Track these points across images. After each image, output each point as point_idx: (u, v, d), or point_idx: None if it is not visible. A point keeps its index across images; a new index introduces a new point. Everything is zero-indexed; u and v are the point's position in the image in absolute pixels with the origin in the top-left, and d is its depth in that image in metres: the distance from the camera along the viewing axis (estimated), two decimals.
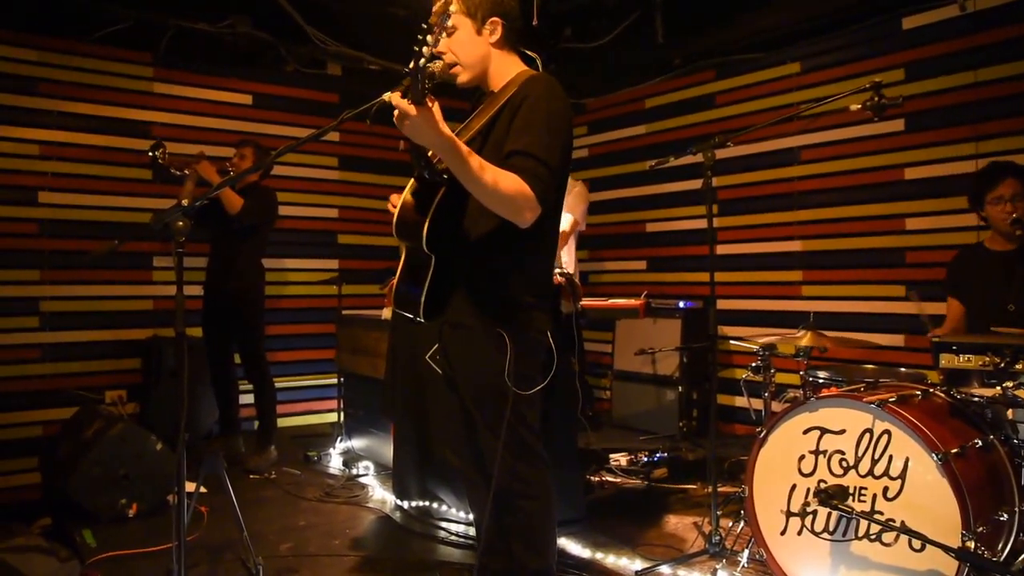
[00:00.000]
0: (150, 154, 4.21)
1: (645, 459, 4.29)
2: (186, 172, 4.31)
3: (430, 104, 1.88)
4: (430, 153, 2.13)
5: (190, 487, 2.96)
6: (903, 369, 3.34)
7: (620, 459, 4.22)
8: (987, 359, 2.37)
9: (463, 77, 2.32)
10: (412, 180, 2.26)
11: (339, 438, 4.78)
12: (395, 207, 2.25)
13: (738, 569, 2.90)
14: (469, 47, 2.29)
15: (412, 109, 1.89)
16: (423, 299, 2.15)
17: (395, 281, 2.28)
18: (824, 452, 2.65)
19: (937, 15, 4.50)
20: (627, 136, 6.36)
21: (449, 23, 1.83)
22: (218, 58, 5.40)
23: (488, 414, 2.18)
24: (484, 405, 2.19)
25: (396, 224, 2.24)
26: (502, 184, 1.99)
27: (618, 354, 5.72)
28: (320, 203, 5.96)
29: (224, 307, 4.55)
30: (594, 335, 6.24)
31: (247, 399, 4.74)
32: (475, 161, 1.96)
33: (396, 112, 1.93)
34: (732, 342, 3.45)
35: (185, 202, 2.14)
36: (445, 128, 1.93)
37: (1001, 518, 2.48)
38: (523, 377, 2.14)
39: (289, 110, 5.78)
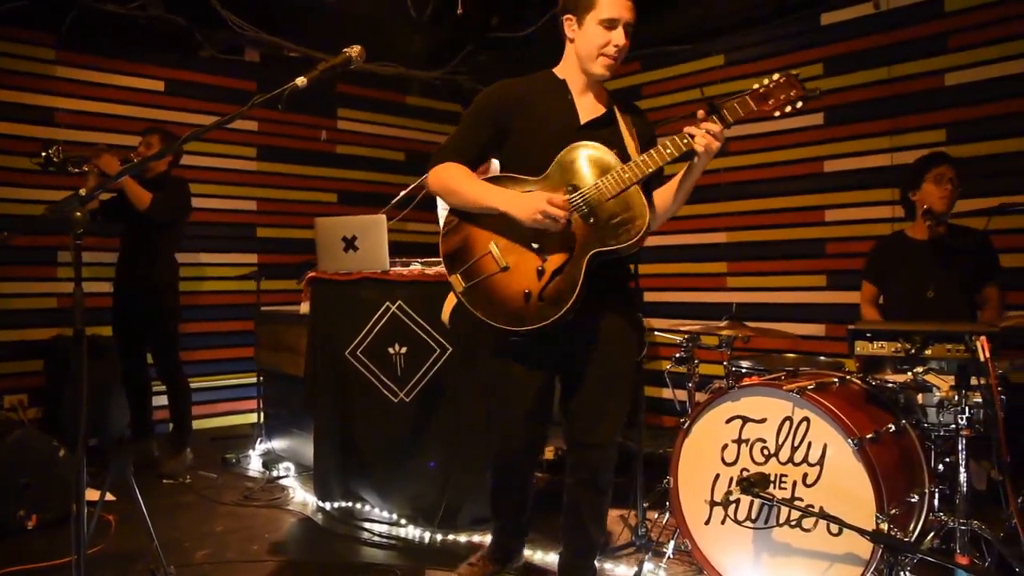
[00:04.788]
0: (43, 155, 3.90)
1: None
2: (86, 168, 4.07)
3: None
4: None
5: (94, 495, 2.79)
6: (822, 357, 3.40)
7: (548, 452, 4.19)
8: (899, 346, 2.41)
9: None
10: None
11: (259, 439, 4.63)
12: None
13: (664, 560, 2.90)
14: None
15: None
16: (574, 300, 2.27)
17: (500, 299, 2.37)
18: (746, 441, 2.67)
19: (853, 12, 4.60)
20: None
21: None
22: (128, 41, 5.14)
23: (627, 385, 2.53)
24: (627, 378, 2.52)
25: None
26: None
27: None
28: (237, 195, 5.76)
29: (136, 304, 4.36)
30: None
31: (161, 400, 4.54)
32: None
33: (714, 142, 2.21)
34: (656, 333, 3.45)
35: (83, 191, 1.99)
36: None
37: (912, 499, 2.55)
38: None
39: (204, 98, 5.55)
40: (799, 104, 2.27)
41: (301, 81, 2.04)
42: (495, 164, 2.54)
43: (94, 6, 4.71)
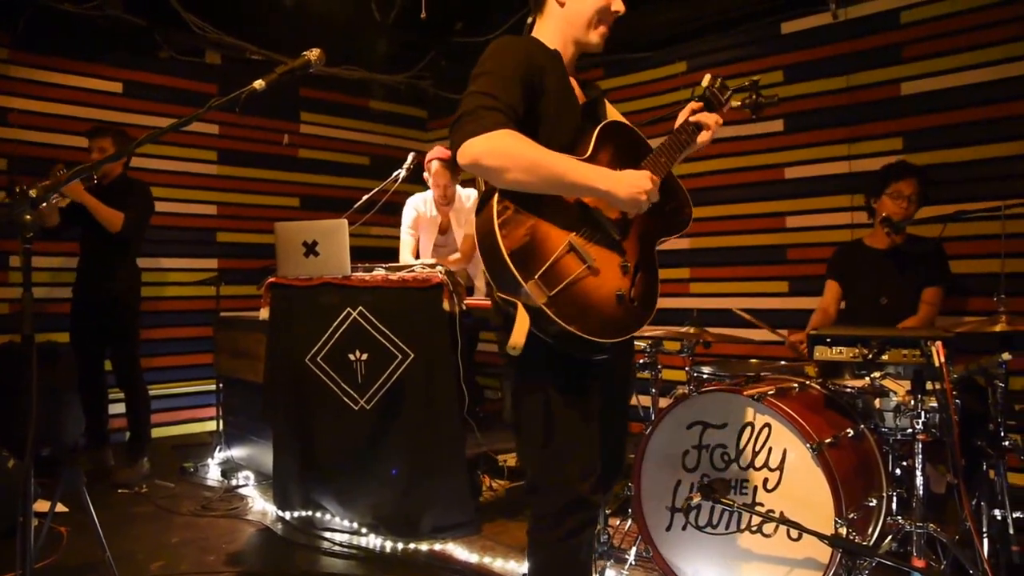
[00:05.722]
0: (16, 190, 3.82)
1: None
2: (55, 203, 3.99)
3: None
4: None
5: (45, 506, 2.72)
6: (783, 362, 3.43)
7: (511, 460, 4.17)
8: (857, 351, 2.44)
9: None
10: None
11: (218, 447, 4.54)
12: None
13: (625, 567, 2.89)
14: None
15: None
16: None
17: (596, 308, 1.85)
18: (707, 446, 2.68)
19: (813, 21, 4.67)
20: None
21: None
22: (85, 42, 5.02)
23: None
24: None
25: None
26: None
27: None
28: (198, 199, 5.67)
29: (97, 311, 4.27)
30: (486, 335, 6.17)
31: (117, 408, 4.44)
32: None
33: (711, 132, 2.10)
34: None
35: (33, 193, 1.93)
36: None
37: (871, 503, 2.58)
38: None
39: (163, 100, 5.45)
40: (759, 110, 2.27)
41: (259, 84, 2.01)
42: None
43: (50, 5, 4.62)
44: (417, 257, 4.44)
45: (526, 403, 1.93)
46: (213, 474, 4.40)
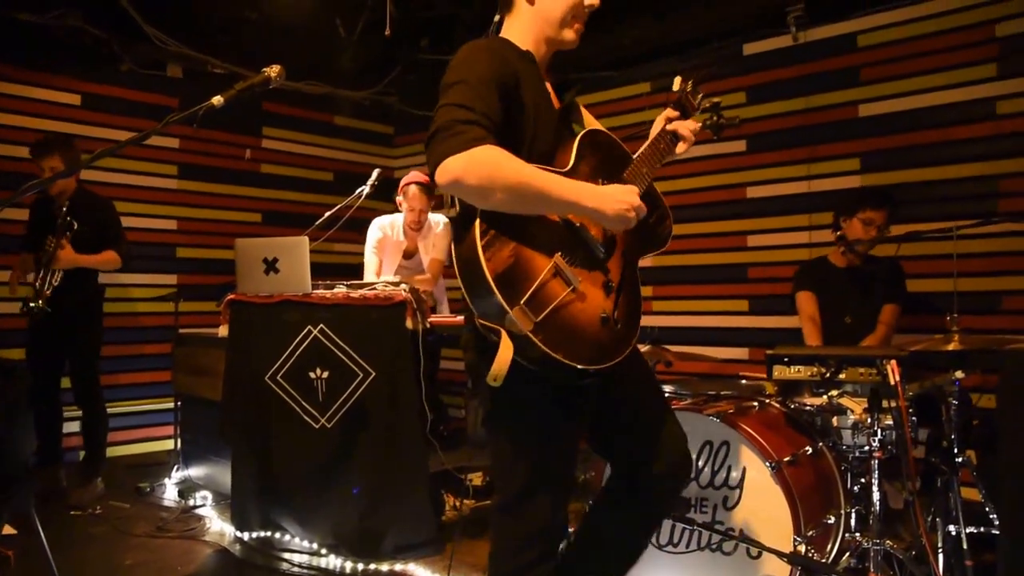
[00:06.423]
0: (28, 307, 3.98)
1: None
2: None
3: None
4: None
5: None
6: (744, 381, 3.46)
7: (475, 478, 4.14)
8: (815, 370, 2.47)
9: None
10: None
11: (175, 467, 4.45)
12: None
13: None
14: None
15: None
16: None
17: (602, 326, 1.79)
18: None
19: (774, 43, 4.76)
20: None
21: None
22: (42, 53, 4.93)
23: None
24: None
25: None
26: None
27: None
28: (157, 213, 5.58)
29: (58, 327, 4.15)
30: (449, 352, 6.14)
31: (71, 427, 4.33)
32: None
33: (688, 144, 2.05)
34: None
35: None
36: None
37: (829, 521, 2.60)
38: None
39: (123, 113, 5.37)
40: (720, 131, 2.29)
41: (217, 100, 1.98)
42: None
43: (6, 15, 4.52)
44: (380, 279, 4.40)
45: (501, 431, 1.84)
46: (170, 494, 4.30)
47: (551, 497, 1.81)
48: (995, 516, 2.84)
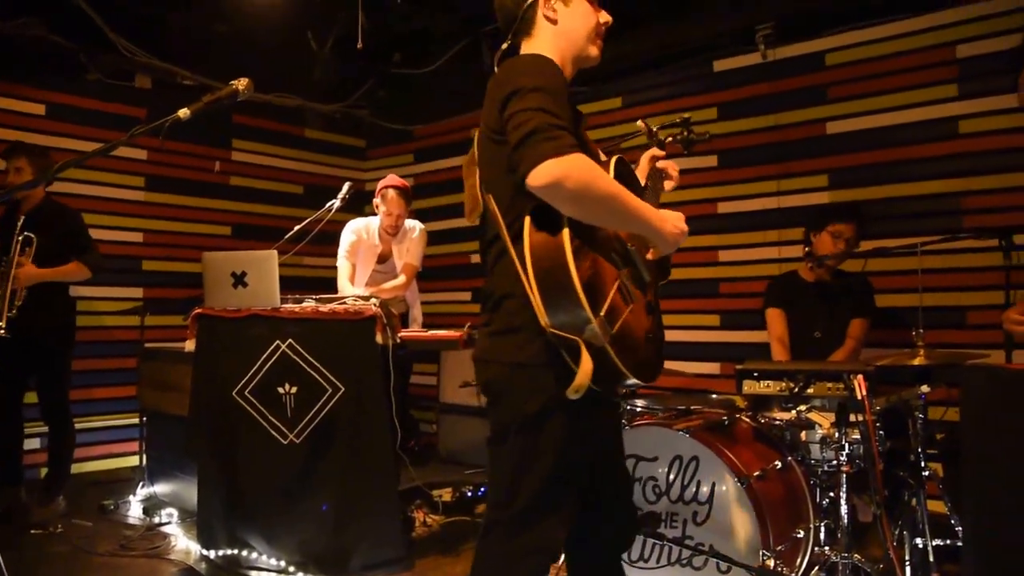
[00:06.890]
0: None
1: (469, 494, 4.19)
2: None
3: None
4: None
5: None
6: (715, 396, 3.47)
7: (444, 494, 4.11)
8: (784, 385, 2.48)
9: None
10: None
11: (140, 484, 4.36)
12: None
13: None
14: None
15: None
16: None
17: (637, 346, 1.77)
18: (639, 479, 2.68)
19: (744, 60, 4.82)
20: (454, 166, 6.27)
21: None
22: (5, 61, 4.84)
23: None
24: None
25: None
26: None
27: (444, 386, 5.59)
28: (124, 226, 5.48)
29: (28, 343, 4.04)
30: (420, 367, 6.11)
31: (32, 444, 4.22)
32: None
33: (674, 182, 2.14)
34: None
35: None
36: None
37: (798, 535, 2.61)
38: None
39: (89, 123, 5.28)
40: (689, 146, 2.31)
41: (183, 113, 1.95)
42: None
43: None
44: (354, 283, 4.37)
45: (516, 445, 1.74)
46: (135, 512, 4.21)
47: (555, 517, 1.75)
48: (960, 528, 2.87)
